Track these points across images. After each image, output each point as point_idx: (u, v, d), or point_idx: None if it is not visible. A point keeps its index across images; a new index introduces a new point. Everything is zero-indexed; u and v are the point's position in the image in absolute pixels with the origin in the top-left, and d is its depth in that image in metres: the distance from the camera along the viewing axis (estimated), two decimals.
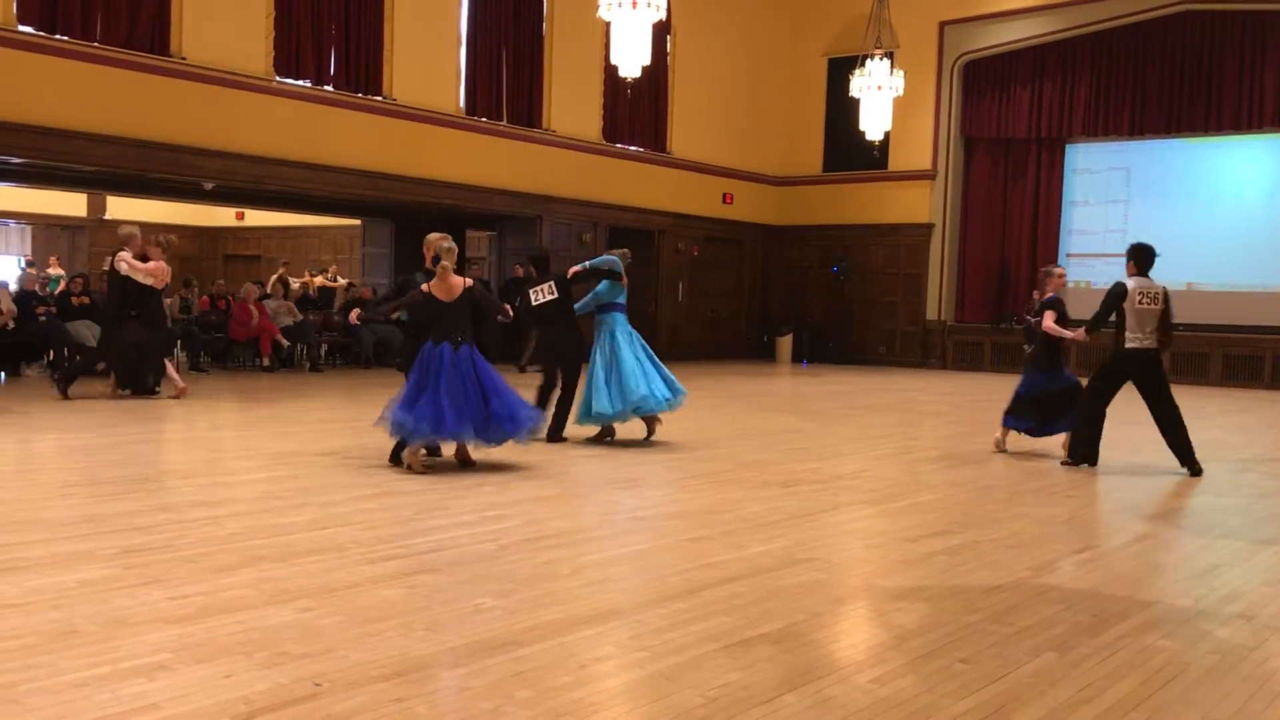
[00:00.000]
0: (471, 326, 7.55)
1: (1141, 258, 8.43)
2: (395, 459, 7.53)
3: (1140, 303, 8.30)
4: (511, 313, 8.18)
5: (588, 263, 9.80)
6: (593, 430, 9.22)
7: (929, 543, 5.79)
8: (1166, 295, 8.45)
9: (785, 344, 23.13)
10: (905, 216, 22.34)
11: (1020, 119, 21.57)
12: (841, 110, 21.83)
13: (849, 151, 22.27)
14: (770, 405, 13.60)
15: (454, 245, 7.65)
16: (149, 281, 11.07)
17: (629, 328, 9.39)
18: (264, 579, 4.53)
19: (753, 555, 5.30)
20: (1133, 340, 8.32)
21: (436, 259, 7.51)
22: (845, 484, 7.63)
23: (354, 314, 8.85)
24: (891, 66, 19.35)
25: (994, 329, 21.39)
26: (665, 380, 9.17)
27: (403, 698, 3.29)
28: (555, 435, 9.01)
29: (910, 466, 8.58)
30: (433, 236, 7.75)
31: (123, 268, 10.98)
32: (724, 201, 22.70)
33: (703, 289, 22.64)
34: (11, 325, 13.39)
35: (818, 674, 3.70)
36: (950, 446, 9.87)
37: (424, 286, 7.48)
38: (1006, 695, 3.53)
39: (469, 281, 7.54)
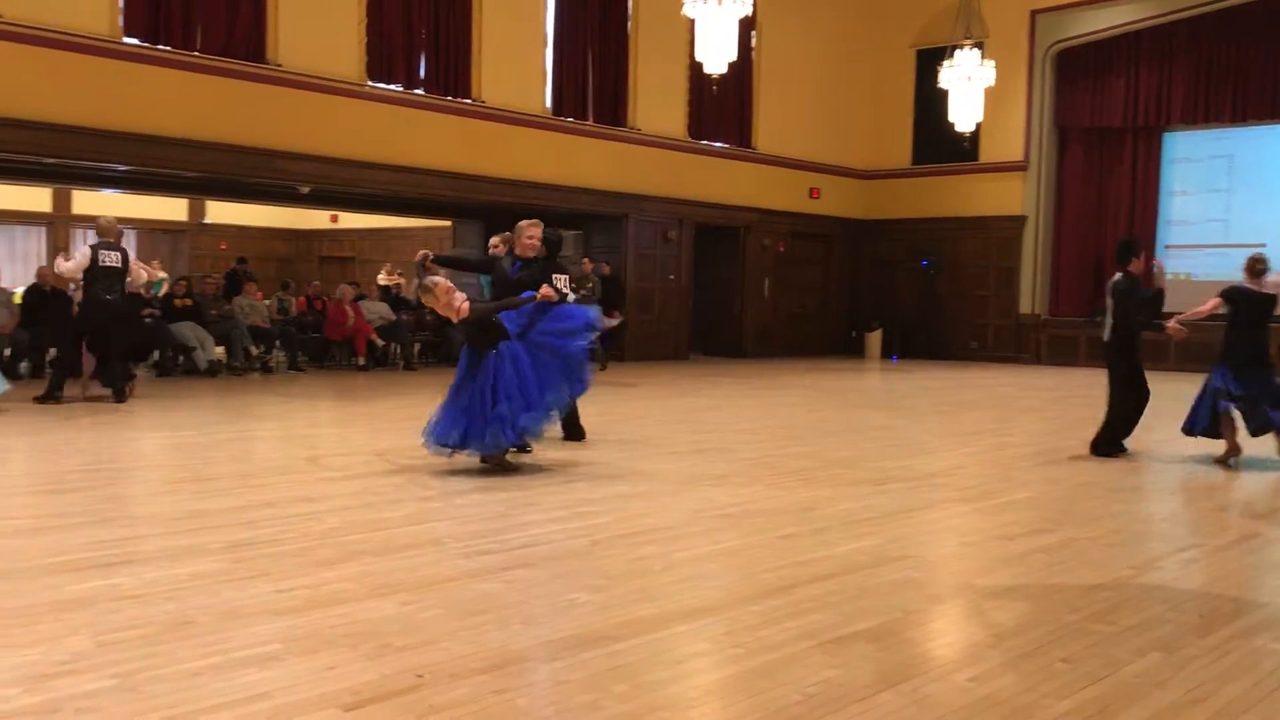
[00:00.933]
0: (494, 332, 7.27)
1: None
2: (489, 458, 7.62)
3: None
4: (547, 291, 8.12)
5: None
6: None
7: (1026, 540, 5.70)
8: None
9: (874, 339, 22.89)
10: (997, 209, 21.95)
11: (1115, 107, 21.04)
12: (930, 102, 21.53)
13: (938, 144, 21.94)
14: (860, 402, 13.49)
15: (432, 281, 7.31)
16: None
17: None
18: (365, 573, 4.64)
19: (846, 553, 5.28)
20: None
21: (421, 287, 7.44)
22: (938, 481, 7.54)
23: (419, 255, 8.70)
24: (981, 57, 19.02)
25: (1089, 323, 20.90)
26: None
27: (502, 690, 3.36)
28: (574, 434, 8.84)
29: (1005, 463, 8.45)
30: (524, 224, 7.96)
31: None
32: (810, 196, 22.55)
33: (789, 285, 22.51)
34: None
35: (914, 672, 3.68)
36: (1045, 443, 9.68)
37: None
38: (1111, 695, 3.47)
39: (464, 309, 7.24)
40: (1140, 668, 3.73)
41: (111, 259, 10.68)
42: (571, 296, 8.72)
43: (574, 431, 8.77)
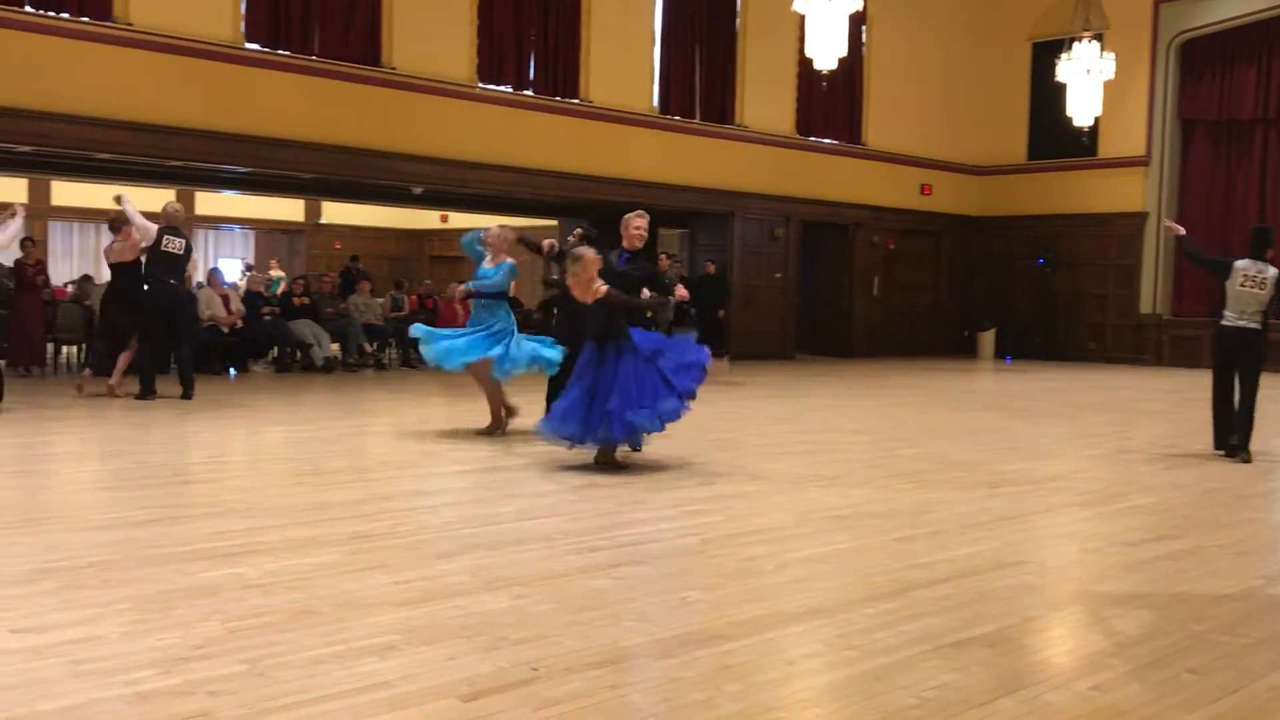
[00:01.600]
0: (615, 327, 7.27)
1: (1252, 240, 8.73)
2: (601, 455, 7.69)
3: (1242, 284, 8.55)
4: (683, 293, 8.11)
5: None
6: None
7: (1149, 547, 5.52)
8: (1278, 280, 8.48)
9: (987, 339, 22.41)
10: (1116, 205, 21.28)
11: (1245, 99, 20.22)
12: (1046, 96, 20.99)
13: (1055, 138, 21.38)
14: (973, 403, 13.22)
15: (587, 252, 7.32)
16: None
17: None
18: (479, 566, 4.72)
19: (962, 557, 5.18)
20: (1227, 319, 8.68)
21: (569, 258, 7.42)
22: (1057, 485, 7.35)
23: (546, 242, 8.97)
24: (1101, 49, 18.48)
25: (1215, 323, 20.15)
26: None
27: (616, 685, 3.38)
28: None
29: (1126, 467, 8.20)
30: (630, 215, 7.98)
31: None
32: (922, 193, 22.18)
33: (899, 283, 22.17)
34: (240, 325, 14.33)
35: (1034, 679, 3.59)
36: (1169, 447, 9.37)
37: (566, 281, 7.51)
38: (1242, 710, 3.34)
39: (602, 292, 7.19)
40: (1273, 681, 3.59)
41: (175, 245, 10.84)
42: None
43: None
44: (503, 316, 8.96)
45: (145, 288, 10.81)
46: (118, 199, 11.04)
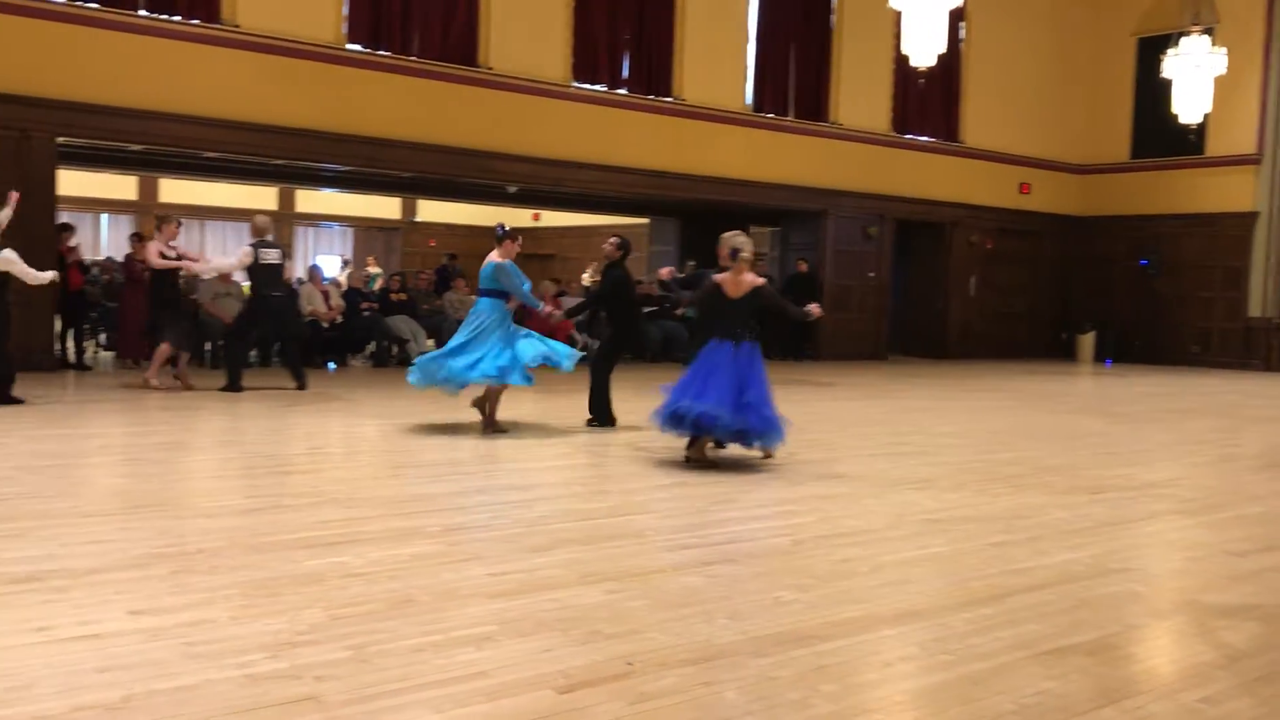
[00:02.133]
0: (755, 325, 7.52)
1: None
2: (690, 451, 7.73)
3: None
4: (818, 311, 8.02)
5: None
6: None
7: (1258, 558, 5.36)
8: None
9: (1086, 342, 21.89)
10: (1225, 205, 20.59)
11: None
12: (1152, 92, 20.41)
13: (1160, 136, 20.78)
14: (1072, 407, 12.93)
15: (749, 242, 7.63)
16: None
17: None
18: (573, 560, 4.77)
19: (1061, 563, 5.08)
20: None
21: (734, 254, 7.46)
22: (1159, 492, 7.16)
23: (663, 271, 8.99)
24: (1211, 44, 17.90)
25: None
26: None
27: (710, 682, 3.39)
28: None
29: (1233, 475, 7.95)
30: (727, 235, 7.72)
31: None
32: (1020, 191, 21.74)
33: (996, 284, 21.75)
34: (340, 320, 14.64)
35: (1137, 689, 3.52)
36: (1279, 455, 9.05)
37: (715, 278, 7.56)
38: None
39: (761, 281, 7.52)
40: None
41: (271, 256, 11.17)
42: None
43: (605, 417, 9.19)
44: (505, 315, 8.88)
45: (252, 299, 11.23)
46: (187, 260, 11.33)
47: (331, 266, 24.82)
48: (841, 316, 19.37)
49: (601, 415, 9.39)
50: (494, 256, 8.94)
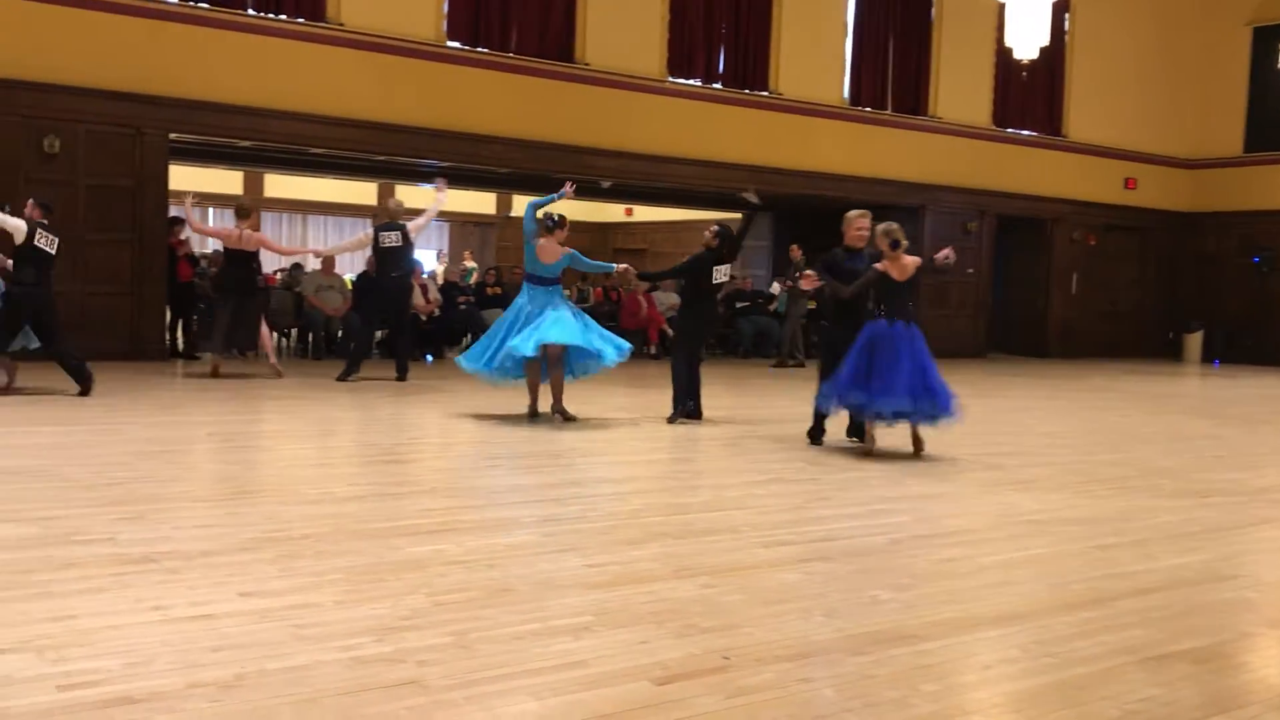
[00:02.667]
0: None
1: None
2: (815, 438, 8.04)
3: None
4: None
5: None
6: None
7: None
8: None
9: (1194, 341, 21.22)
10: None
11: None
12: (1267, 83, 19.76)
13: (1276, 129, 20.04)
14: (1179, 408, 12.56)
15: (901, 228, 7.79)
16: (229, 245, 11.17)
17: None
18: (668, 554, 4.79)
19: (1168, 568, 4.94)
20: None
21: (895, 245, 7.62)
22: (1274, 497, 6.92)
23: (806, 278, 8.80)
24: None
25: None
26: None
27: (808, 679, 3.38)
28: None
29: None
30: (882, 228, 7.78)
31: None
32: (1126, 186, 21.16)
33: (1099, 281, 21.21)
34: (437, 313, 14.89)
35: (1251, 699, 3.41)
36: None
37: (877, 267, 7.66)
38: None
39: (919, 260, 7.74)
40: None
41: (391, 239, 11.26)
42: (724, 278, 9.25)
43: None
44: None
45: (369, 283, 11.37)
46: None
47: (429, 261, 25.23)
48: (939, 313, 19.07)
49: (686, 406, 9.22)
50: (552, 245, 8.96)
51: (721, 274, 9.16)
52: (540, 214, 8.96)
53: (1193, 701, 3.33)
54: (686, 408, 9.15)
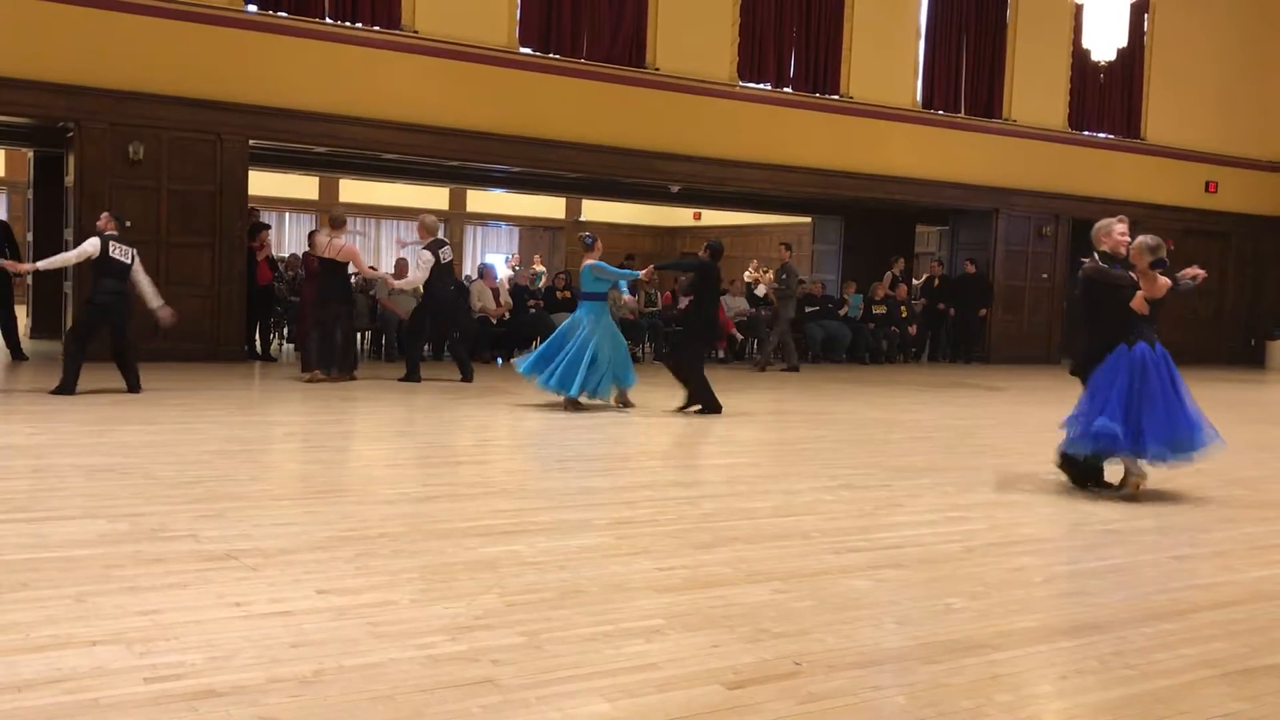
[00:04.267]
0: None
1: None
2: (1085, 480, 6.86)
3: None
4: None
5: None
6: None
7: None
8: None
9: (1277, 348, 20.66)
10: None
11: None
12: None
13: None
14: (1263, 417, 12.24)
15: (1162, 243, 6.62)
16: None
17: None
18: (738, 558, 4.79)
19: (1251, 580, 4.83)
20: None
21: (1159, 264, 6.50)
22: None
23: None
24: None
25: None
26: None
27: (880, 686, 3.36)
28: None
29: None
30: (1139, 242, 6.64)
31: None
32: (1206, 190, 20.66)
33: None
34: (507, 316, 15.01)
35: None
36: None
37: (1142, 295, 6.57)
38: None
39: (1169, 282, 6.62)
40: None
41: (446, 253, 11.57)
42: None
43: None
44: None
45: (430, 296, 11.58)
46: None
47: (500, 264, 25.49)
48: (1012, 319, 18.82)
49: (707, 401, 9.86)
50: (587, 260, 9.98)
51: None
52: (580, 234, 10.32)
53: None
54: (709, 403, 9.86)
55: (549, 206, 27.22)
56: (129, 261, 9.56)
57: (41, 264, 10.20)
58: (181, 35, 12.45)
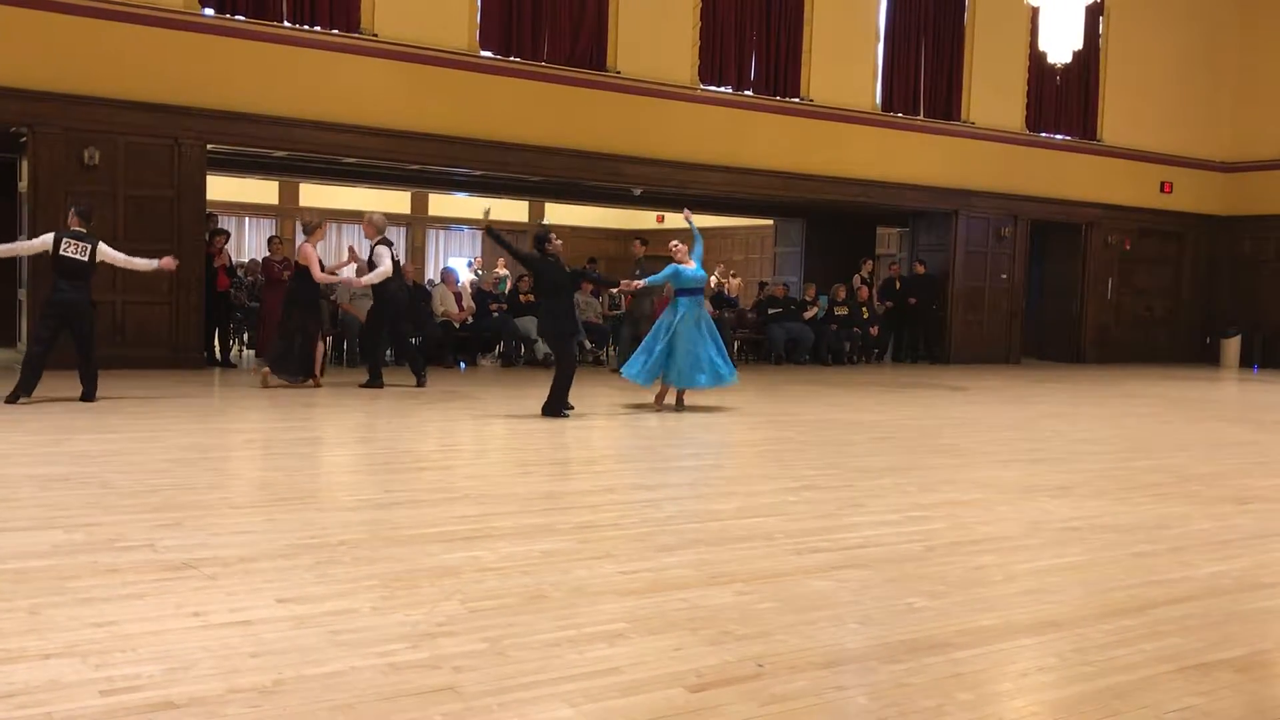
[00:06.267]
0: None
1: None
2: None
3: None
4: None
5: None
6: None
7: None
8: None
9: (1232, 347, 20.98)
10: None
11: None
12: None
13: None
14: (1217, 414, 12.41)
15: None
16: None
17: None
18: (702, 561, 4.79)
19: (1207, 575, 4.89)
20: None
21: None
22: None
23: None
24: None
25: None
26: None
27: (842, 687, 3.37)
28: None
29: None
30: None
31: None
32: (1162, 190, 20.96)
33: (1135, 286, 21.03)
34: (470, 320, 14.97)
35: None
36: None
37: None
38: None
39: None
40: None
41: (394, 253, 11.59)
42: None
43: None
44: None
45: (388, 298, 11.45)
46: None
47: (462, 268, 25.37)
48: (972, 319, 19.00)
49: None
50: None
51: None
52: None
53: (1236, 710, 3.30)
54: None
55: (511, 210, 27.10)
56: (85, 259, 9.20)
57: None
58: (138, 38, 12.31)
